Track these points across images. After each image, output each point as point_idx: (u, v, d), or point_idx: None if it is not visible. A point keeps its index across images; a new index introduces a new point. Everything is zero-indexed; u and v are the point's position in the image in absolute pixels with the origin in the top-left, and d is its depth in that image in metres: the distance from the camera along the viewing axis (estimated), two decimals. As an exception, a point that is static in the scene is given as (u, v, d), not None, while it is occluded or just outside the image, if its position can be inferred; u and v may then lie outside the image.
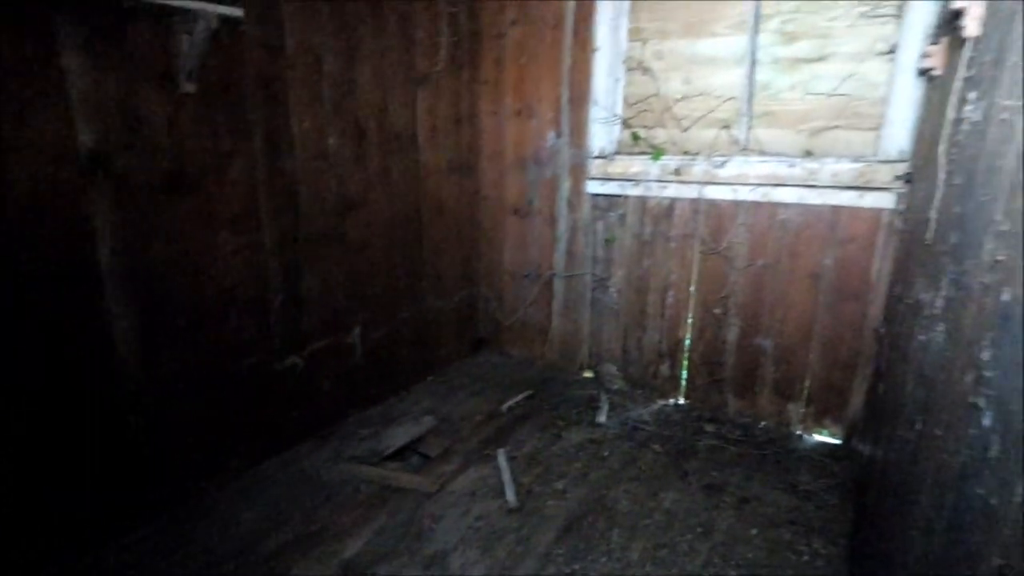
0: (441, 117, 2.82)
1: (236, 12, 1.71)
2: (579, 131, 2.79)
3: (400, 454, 2.33)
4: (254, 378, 2.12)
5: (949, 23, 1.29)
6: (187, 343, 1.89)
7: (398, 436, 2.40)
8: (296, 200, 2.18)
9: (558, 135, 2.87)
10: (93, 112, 1.57)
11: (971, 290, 0.77)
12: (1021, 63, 0.71)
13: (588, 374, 3.08)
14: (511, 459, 2.26)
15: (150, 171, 1.72)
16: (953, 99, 1.14)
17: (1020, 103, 0.67)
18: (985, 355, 0.65)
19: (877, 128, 2.19)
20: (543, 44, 2.79)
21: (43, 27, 1.44)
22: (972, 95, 1.01)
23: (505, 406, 2.70)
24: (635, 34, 2.63)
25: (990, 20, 0.99)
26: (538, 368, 3.16)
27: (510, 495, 2.02)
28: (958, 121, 1.09)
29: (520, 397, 2.78)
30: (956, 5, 1.12)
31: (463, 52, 2.87)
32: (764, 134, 2.44)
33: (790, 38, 2.32)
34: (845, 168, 2.21)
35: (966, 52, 1.11)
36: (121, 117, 1.63)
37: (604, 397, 2.79)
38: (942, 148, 1.21)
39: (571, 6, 2.67)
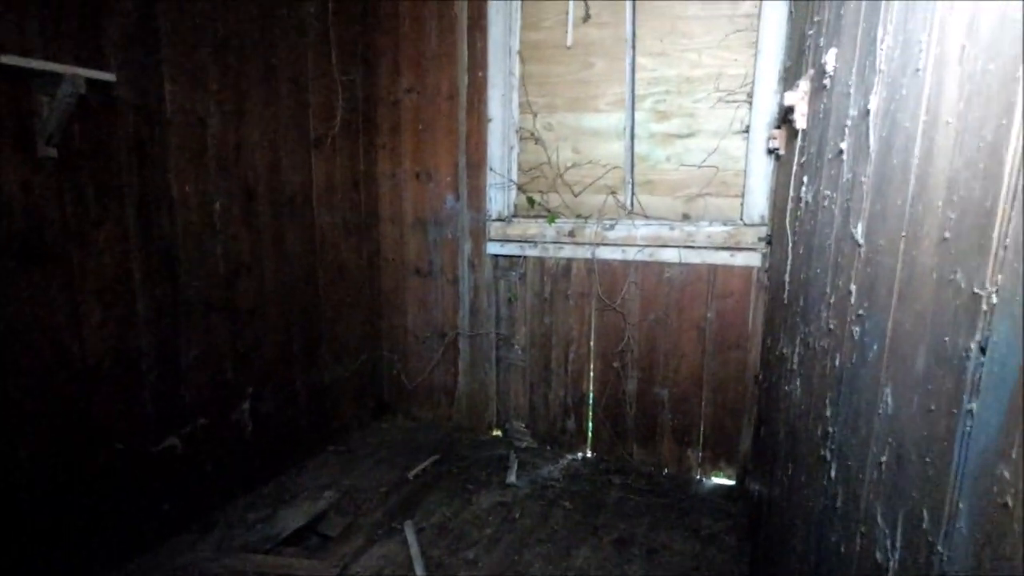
0: (338, 179, 2.79)
1: (107, 76, 1.62)
2: (477, 195, 2.88)
3: (298, 536, 2.15)
4: (123, 465, 1.89)
5: (785, 114, 1.50)
6: (41, 429, 1.65)
7: (294, 517, 2.22)
8: (175, 267, 2.03)
9: (457, 198, 2.94)
10: (-74, 178, 1.39)
11: (815, 351, 0.87)
12: (838, 158, 0.83)
13: (496, 433, 3.05)
14: (419, 531, 2.16)
15: (2, 245, 1.54)
16: (793, 180, 1.31)
17: (835, 193, 0.79)
18: (828, 411, 0.73)
19: (741, 196, 2.46)
20: (439, 113, 2.88)
21: None
22: (805, 178, 1.17)
23: (411, 473, 2.60)
24: (526, 107, 2.80)
25: (813, 117, 1.16)
26: (445, 430, 3.09)
27: (419, 572, 1.92)
28: (797, 199, 1.26)
29: (427, 462, 2.69)
30: (788, 101, 1.31)
31: (359, 116, 2.89)
32: (646, 200, 2.65)
33: (662, 116, 2.58)
34: (718, 231, 2.45)
35: (798, 141, 1.29)
36: (-38, 183, 1.46)
37: (513, 456, 2.77)
38: (788, 220, 1.38)
39: (464, 80, 2.80)
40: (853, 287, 0.65)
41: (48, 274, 1.66)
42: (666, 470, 2.69)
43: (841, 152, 0.77)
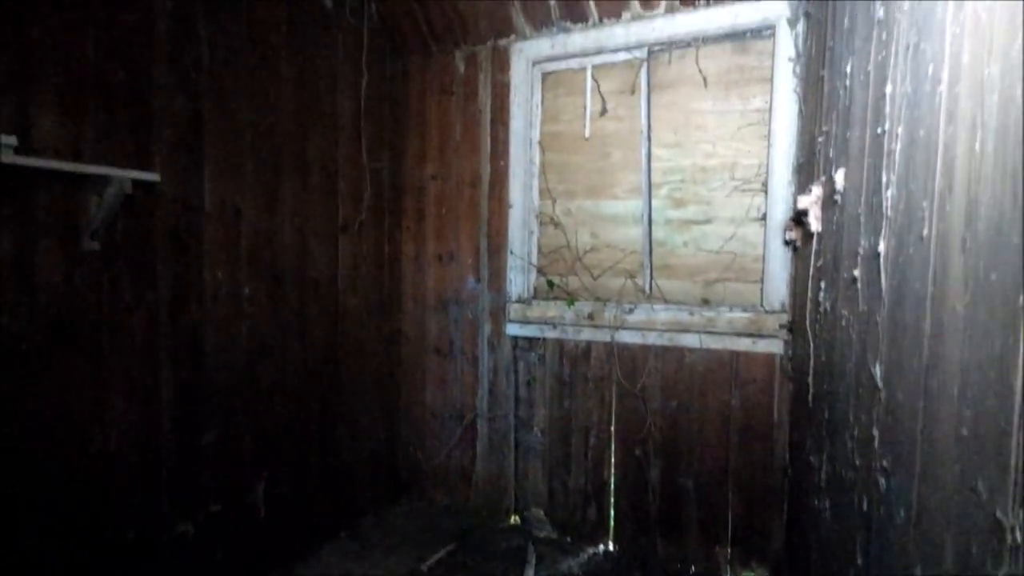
0: (363, 263, 2.87)
1: (152, 176, 1.73)
2: (498, 277, 2.93)
3: (302, 637, 2.05)
4: (133, 554, 1.86)
5: (799, 215, 1.52)
6: (51, 516, 1.65)
7: (300, 614, 2.13)
8: (202, 350, 2.08)
9: (478, 280, 2.99)
10: (-23, 274, 1.48)
11: (843, 478, 0.84)
12: (852, 285, 0.83)
13: (515, 520, 2.94)
14: (429, 635, 2.05)
15: (37, 330, 1.60)
16: (811, 281, 1.31)
17: (852, 317, 0.79)
18: (859, 559, 0.70)
19: (760, 281, 2.46)
20: (462, 198, 2.99)
21: (-66, 193, 1.39)
22: (823, 283, 1.17)
23: (425, 565, 2.50)
24: (546, 194, 2.89)
25: (826, 224, 1.18)
26: (462, 516, 2.99)
27: None
28: (816, 301, 1.25)
29: (442, 553, 2.59)
30: (801, 204, 1.33)
31: (385, 201, 3.01)
32: (665, 284, 2.66)
33: (679, 203, 2.63)
34: (738, 317, 2.43)
35: (814, 244, 1.30)
36: (13, 276, 1.54)
37: (531, 549, 2.65)
38: (808, 319, 1.36)
39: (487, 168, 2.92)
40: (876, 432, 0.64)
41: (78, 361, 1.71)
42: (693, 568, 2.54)
43: (855, 280, 0.77)
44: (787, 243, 2.21)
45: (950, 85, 0.53)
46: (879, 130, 0.72)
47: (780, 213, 2.34)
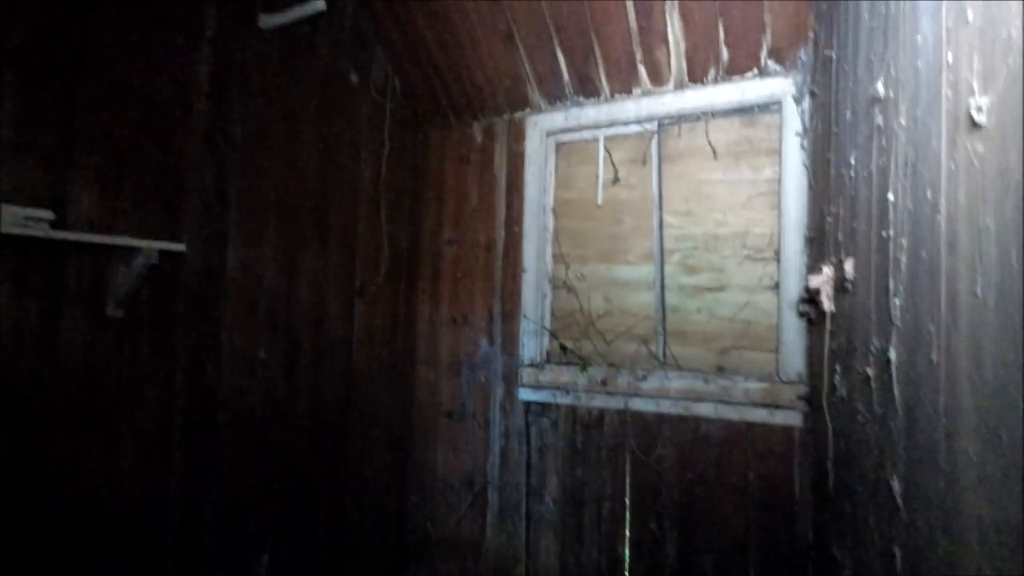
0: (378, 324, 2.90)
1: (178, 247, 1.80)
2: (511, 340, 2.93)
3: None
4: (129, 633, 1.81)
5: (811, 294, 1.53)
6: (52, 597, 1.62)
7: None
8: (215, 415, 2.09)
9: (491, 343, 2.99)
10: (5, 341, 1.52)
11: (866, 583, 0.80)
12: (866, 384, 0.83)
13: (524, 596, 2.81)
14: None
15: (56, 395, 1.62)
16: (826, 362, 1.30)
17: (868, 415, 0.78)
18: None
19: (775, 351, 2.43)
20: (477, 262, 3.04)
21: (-28, 264, 1.45)
22: (838, 367, 1.16)
23: (430, 645, 2.38)
24: (559, 258, 2.93)
25: (839, 308, 1.17)
26: (469, 591, 2.87)
27: None
28: (832, 385, 1.23)
29: (447, 632, 2.47)
30: (812, 284, 1.33)
31: (402, 264, 3.07)
32: (679, 351, 2.64)
33: (692, 270, 2.65)
34: (754, 387, 2.39)
35: (827, 323, 1.29)
36: (36, 345, 1.58)
37: (541, 629, 2.52)
38: (825, 400, 1.34)
39: (501, 232, 2.98)
40: (897, 551, 0.61)
41: (93, 426, 1.72)
42: (714, 655, 2.39)
43: (869, 380, 0.77)
44: (801, 315, 2.20)
45: (949, 219, 0.54)
46: (884, 233, 0.74)
47: (793, 283, 2.34)
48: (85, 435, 1.70)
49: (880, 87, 0.83)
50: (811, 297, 1.56)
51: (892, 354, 0.65)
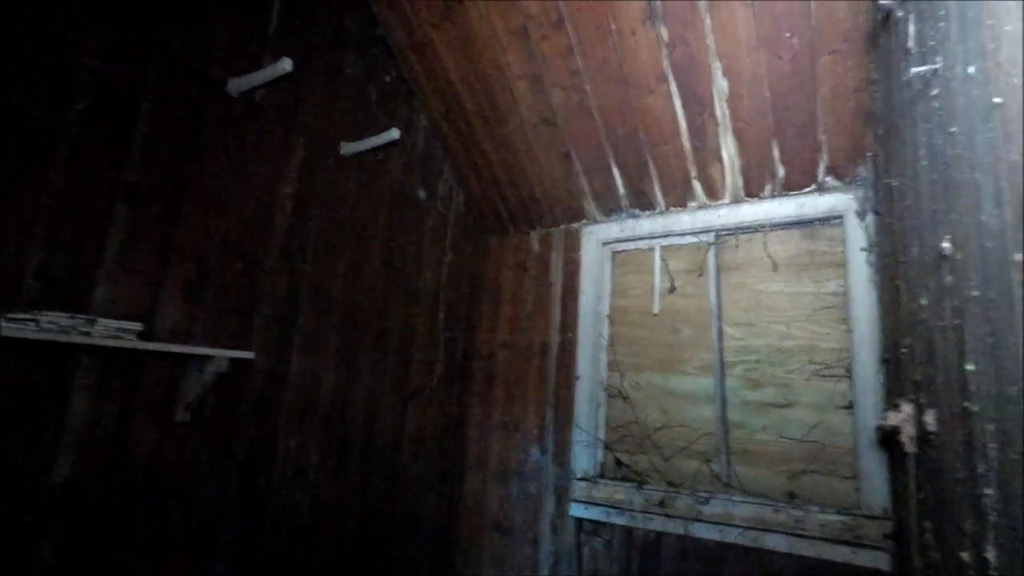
0: (429, 428, 2.89)
1: (247, 355, 1.90)
2: (563, 450, 2.83)
3: None
4: None
5: (890, 432, 1.41)
6: None
7: None
8: (264, 519, 2.08)
9: (542, 452, 2.90)
10: (81, 444, 1.61)
11: None
12: (963, 559, 0.73)
13: None
14: None
15: (120, 496, 1.68)
16: (913, 505, 1.17)
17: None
18: None
19: (854, 478, 2.22)
20: (530, 367, 3.02)
21: (63, 366, 1.58)
22: (928, 525, 1.04)
23: None
24: (614, 366, 2.87)
25: (923, 454, 1.07)
26: None
27: None
28: (921, 533, 1.10)
29: None
30: (891, 421, 1.23)
31: (455, 368, 3.09)
32: (744, 472, 2.46)
33: (755, 384, 2.52)
34: (832, 519, 2.16)
35: (911, 466, 1.17)
36: (107, 448, 1.66)
37: None
38: (914, 548, 1.19)
39: (555, 338, 2.98)
40: None
41: (149, 525, 1.75)
42: None
43: (963, 565, 0.67)
44: (882, 444, 2.02)
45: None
46: (966, 405, 0.68)
47: (869, 404, 2.17)
48: (141, 530, 1.73)
49: (947, 245, 0.80)
50: (890, 433, 1.44)
51: (989, 553, 0.58)
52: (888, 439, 1.45)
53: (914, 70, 1.03)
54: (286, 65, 1.85)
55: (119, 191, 1.69)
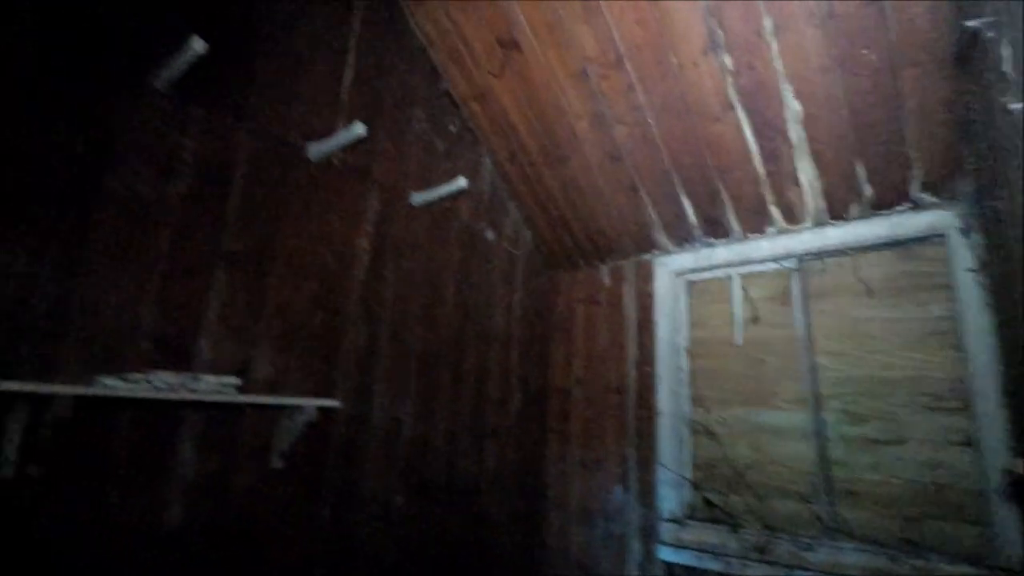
0: (507, 467, 2.88)
1: (334, 403, 1.98)
2: (647, 490, 2.72)
3: None
4: None
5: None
6: None
7: None
8: (352, 560, 2.13)
9: (625, 490, 2.80)
10: (188, 492, 1.73)
11: None
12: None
13: None
14: None
15: (223, 543, 1.78)
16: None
17: None
18: None
19: (982, 524, 1.97)
20: (608, 404, 2.96)
21: (172, 420, 1.71)
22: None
23: None
24: (697, 401, 2.75)
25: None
26: None
27: None
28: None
29: None
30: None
31: (531, 406, 3.08)
32: (851, 515, 2.25)
33: (857, 418, 2.32)
34: (960, 572, 1.93)
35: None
36: (211, 495, 1.78)
37: None
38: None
39: (632, 373, 2.90)
40: None
41: (246, 563, 1.83)
42: None
43: None
44: (1012, 493, 1.79)
45: None
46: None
47: (994, 441, 1.94)
48: (242, 570, 1.82)
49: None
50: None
51: None
52: (1021, 487, 1.28)
53: (1015, 106, 0.95)
54: (359, 129, 1.97)
55: (217, 257, 1.85)
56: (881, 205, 2.27)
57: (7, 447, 1.37)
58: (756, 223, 2.58)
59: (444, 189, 2.44)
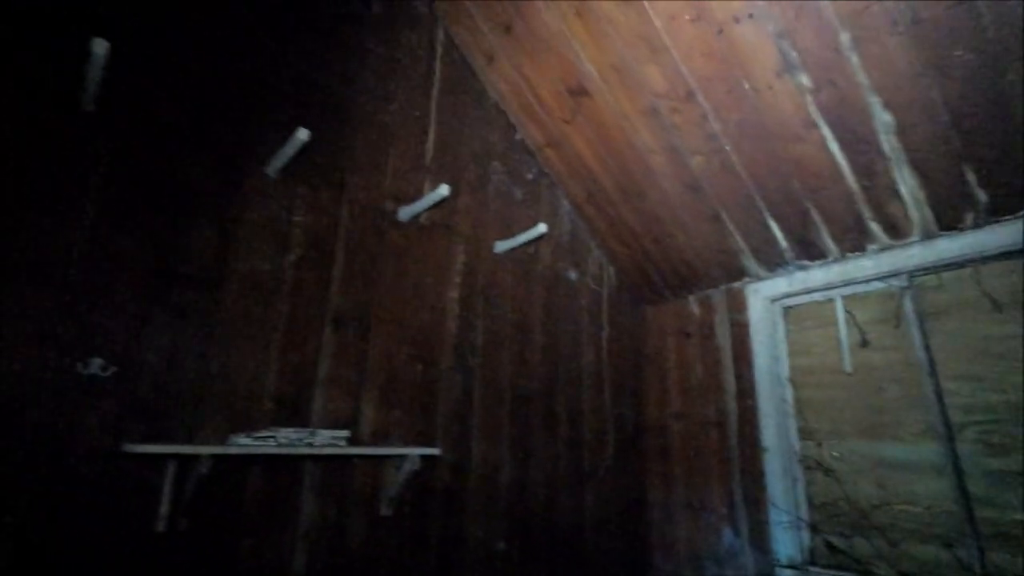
0: (608, 509, 2.82)
1: (435, 451, 2.07)
2: (759, 532, 2.56)
3: None
4: None
5: None
6: None
7: None
8: (461, 614, 2.17)
9: (735, 534, 2.65)
10: (311, 538, 1.86)
11: None
12: None
13: None
14: None
15: (340, 591, 1.89)
16: None
17: None
18: None
19: None
20: (708, 440, 2.84)
21: (295, 472, 1.87)
22: None
23: None
24: (806, 434, 2.58)
25: None
26: None
27: None
28: None
29: None
30: None
31: (628, 445, 3.02)
32: (1005, 560, 1.99)
33: (998, 449, 2.07)
34: None
35: None
36: (330, 542, 1.90)
37: None
38: None
39: (732, 407, 2.78)
40: None
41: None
42: None
43: None
44: None
45: None
46: None
47: None
48: (360, 628, 1.91)
49: None
50: None
51: None
52: None
53: None
54: (443, 191, 2.10)
55: (326, 319, 2.03)
56: (999, 210, 2.07)
57: (161, 504, 1.56)
58: (855, 241, 2.42)
59: (525, 236, 2.52)
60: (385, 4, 2.49)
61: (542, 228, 2.46)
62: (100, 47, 1.40)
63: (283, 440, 1.76)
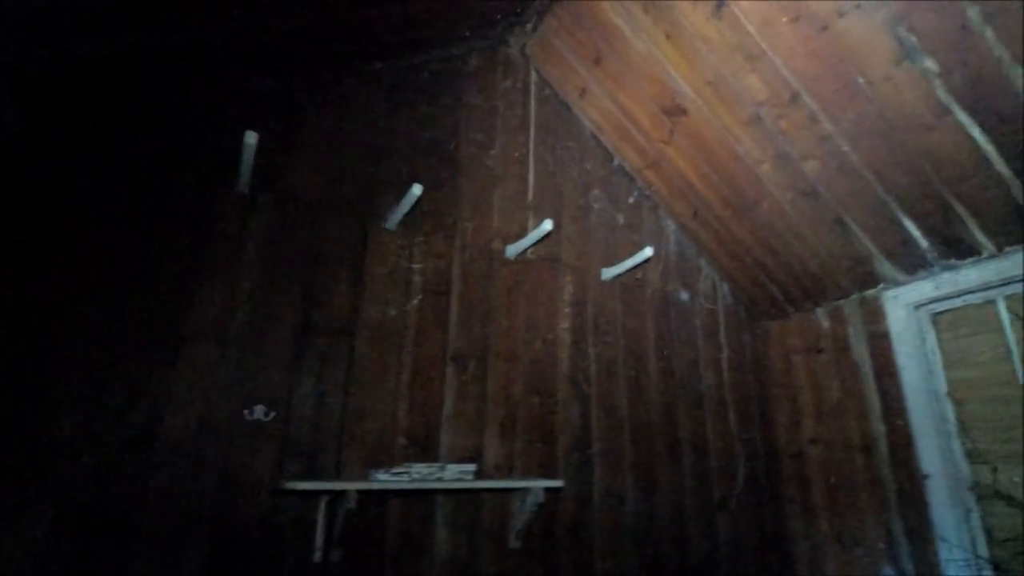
0: (745, 542, 2.65)
1: (558, 483, 2.09)
2: (928, 572, 2.26)
3: None
4: None
5: None
6: None
7: None
8: (597, 650, 2.13)
9: (899, 571, 2.36)
10: (445, 570, 1.94)
11: None
12: None
13: None
14: None
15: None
16: None
17: None
18: None
19: None
20: (854, 466, 2.58)
21: (427, 506, 1.96)
22: None
23: None
24: (976, 457, 2.26)
25: None
26: None
27: None
28: None
29: None
30: None
31: (761, 473, 2.83)
32: None
33: None
34: None
35: None
36: (463, 574, 1.97)
37: None
38: None
39: (880, 429, 2.51)
40: None
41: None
42: None
43: None
44: None
45: None
46: None
47: None
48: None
49: None
50: None
51: None
52: None
53: None
54: (547, 226, 2.16)
55: (447, 357, 2.15)
56: None
57: (316, 536, 1.72)
58: (1014, 233, 2.13)
59: (631, 261, 2.51)
60: (481, 56, 2.65)
61: (648, 252, 2.44)
62: (251, 138, 1.65)
63: (416, 475, 1.87)
